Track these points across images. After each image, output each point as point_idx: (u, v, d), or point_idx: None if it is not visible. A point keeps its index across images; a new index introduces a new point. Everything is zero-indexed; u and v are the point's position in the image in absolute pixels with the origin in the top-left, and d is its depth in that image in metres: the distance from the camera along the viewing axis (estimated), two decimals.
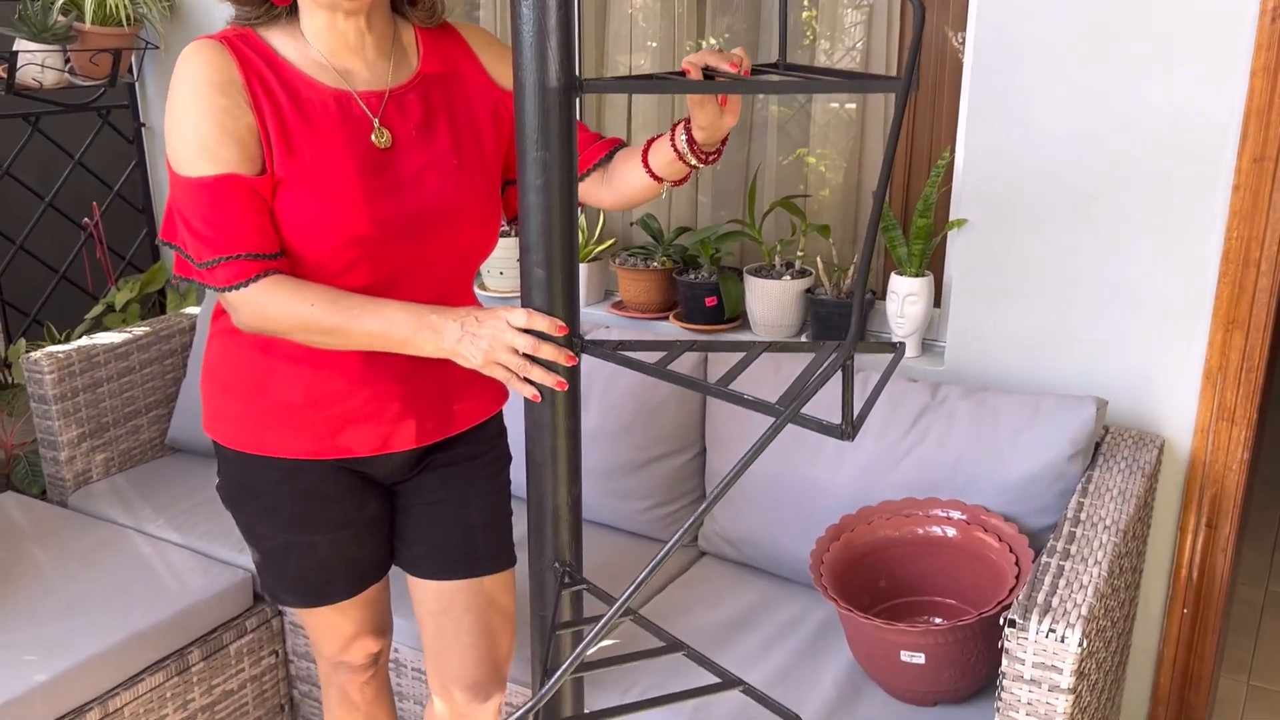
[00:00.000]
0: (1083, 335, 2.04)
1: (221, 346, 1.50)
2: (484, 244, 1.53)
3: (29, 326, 3.07)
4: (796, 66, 1.38)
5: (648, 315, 2.58)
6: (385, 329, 1.32)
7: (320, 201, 1.36)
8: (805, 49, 2.70)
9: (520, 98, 1.15)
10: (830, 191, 2.64)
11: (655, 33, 2.78)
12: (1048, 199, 2.01)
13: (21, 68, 2.78)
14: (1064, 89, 1.95)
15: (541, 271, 1.21)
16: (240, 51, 1.37)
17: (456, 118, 1.47)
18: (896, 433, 1.95)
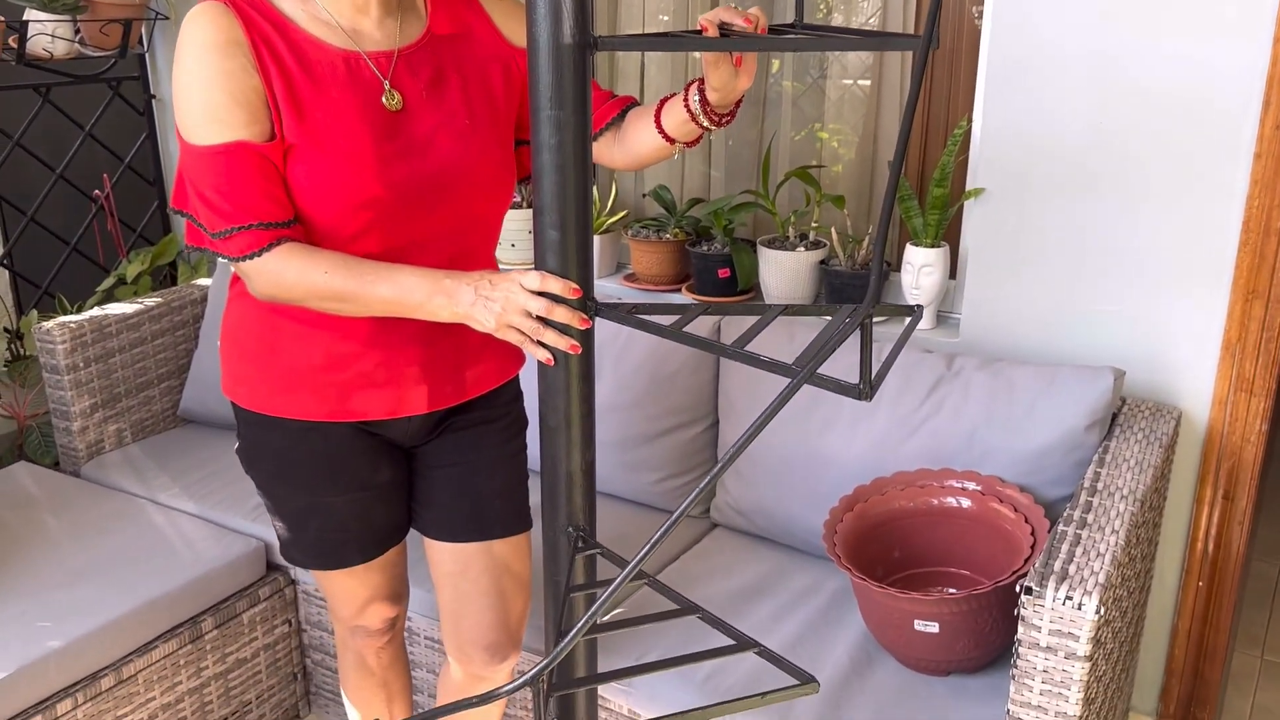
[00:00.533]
0: (1100, 305, 2.02)
1: (239, 310, 1.49)
2: (498, 205, 1.51)
3: (40, 298, 3.07)
4: (814, 26, 1.36)
5: (660, 287, 2.56)
6: (399, 295, 1.31)
7: (332, 166, 1.35)
8: (821, 17, 2.67)
9: (534, 55, 1.14)
10: (844, 167, 2.62)
11: (668, 6, 2.76)
12: (1066, 168, 1.99)
13: (32, 37, 2.76)
14: (1083, 57, 1.93)
15: (555, 233, 1.20)
16: (245, 13, 1.35)
17: (468, 77, 1.46)
18: (911, 403, 1.94)
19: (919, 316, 1.23)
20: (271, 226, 1.33)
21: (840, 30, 1.36)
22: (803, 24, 1.38)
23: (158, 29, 3.10)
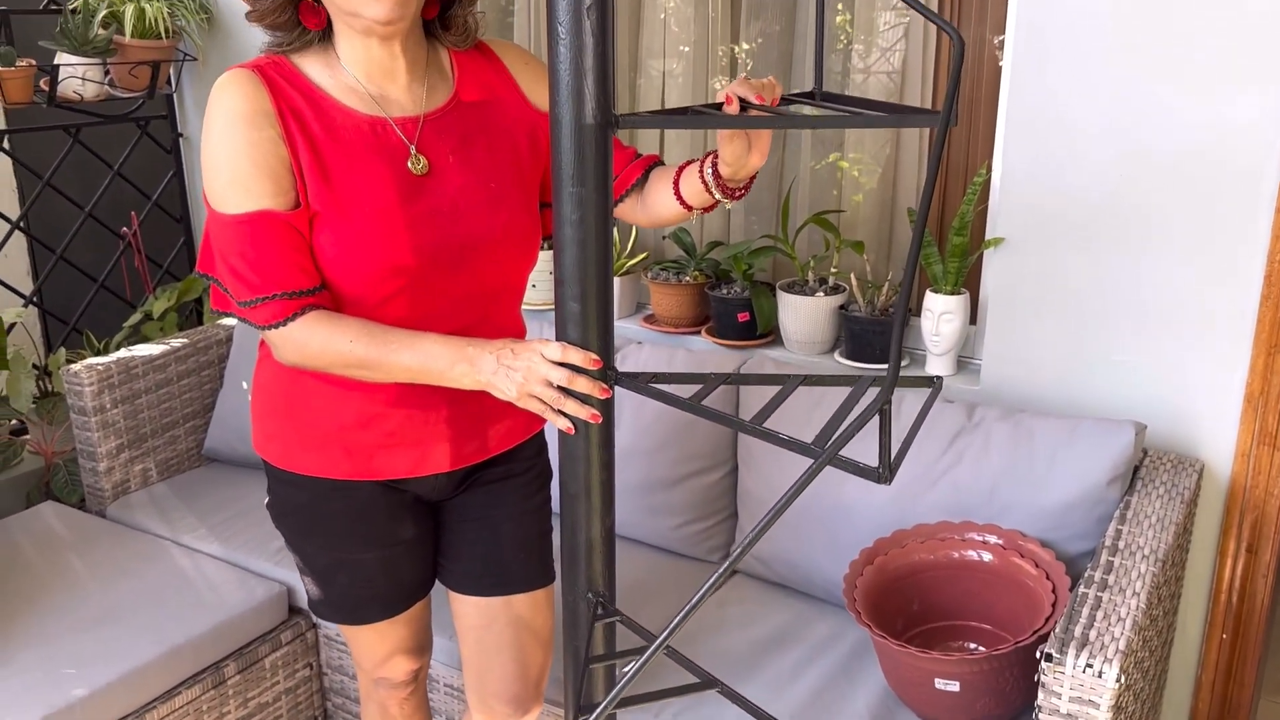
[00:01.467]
0: (1122, 357, 2.01)
1: (269, 370, 1.52)
2: (523, 267, 1.53)
3: (68, 335, 3.11)
4: (833, 96, 1.37)
5: (680, 329, 2.57)
6: (422, 363, 1.33)
7: (358, 232, 1.37)
8: (840, 53, 2.68)
9: (556, 134, 1.15)
10: (864, 197, 2.63)
11: (688, 37, 2.78)
12: (1086, 218, 1.99)
13: (63, 80, 2.81)
14: (1104, 107, 1.93)
15: (576, 305, 1.21)
16: (273, 81, 1.37)
17: (494, 142, 1.47)
18: (932, 454, 1.94)
19: (938, 389, 1.24)
20: (297, 295, 1.35)
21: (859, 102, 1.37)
22: (822, 93, 1.40)
23: (186, 69, 3.14)
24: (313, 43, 1.42)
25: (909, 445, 1.07)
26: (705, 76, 2.77)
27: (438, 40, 1.48)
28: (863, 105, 1.37)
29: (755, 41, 2.77)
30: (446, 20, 1.46)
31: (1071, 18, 1.91)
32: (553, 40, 1.12)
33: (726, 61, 2.77)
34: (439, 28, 1.47)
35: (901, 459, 1.04)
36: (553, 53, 1.12)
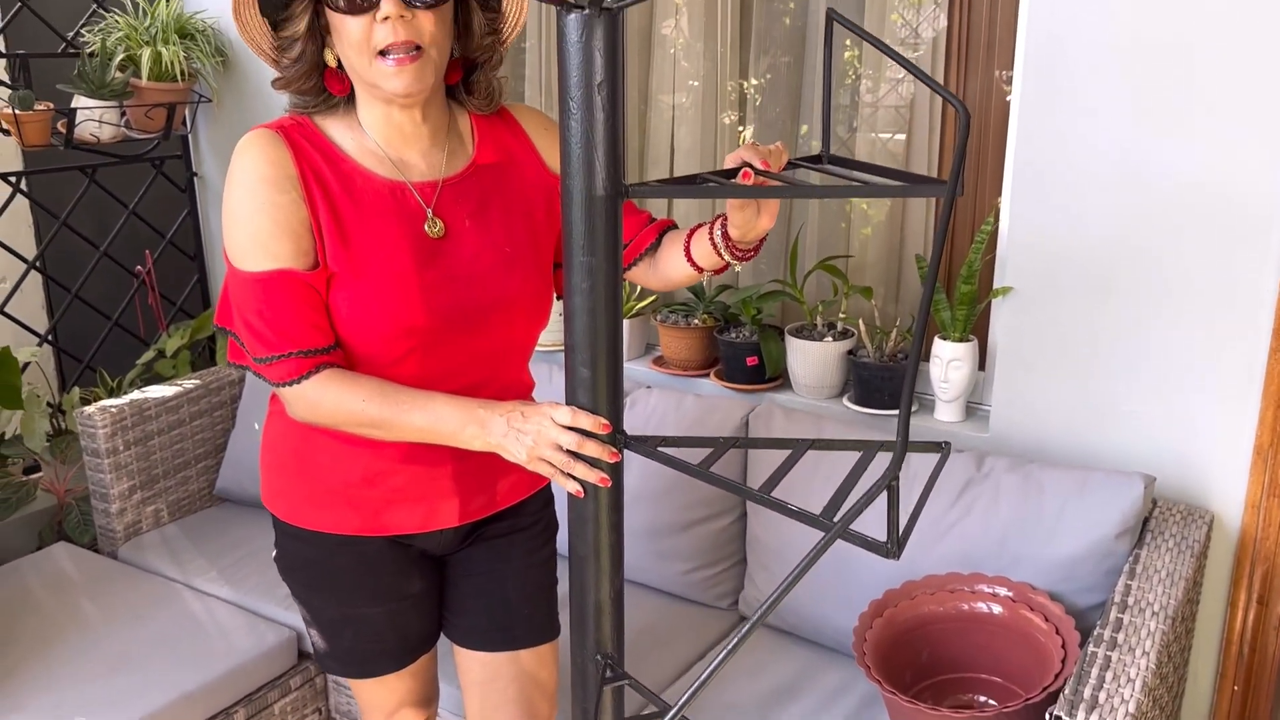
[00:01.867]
0: (1130, 406, 2.02)
1: (278, 425, 1.53)
2: (534, 329, 1.54)
3: (82, 372, 3.14)
4: (840, 160, 1.39)
5: (688, 372, 2.58)
6: (433, 424, 1.34)
7: (374, 294, 1.38)
8: (847, 87, 2.70)
9: (567, 204, 1.17)
10: (872, 231, 2.63)
11: (697, 71, 2.80)
12: (1095, 268, 2.00)
13: (80, 123, 2.85)
14: (1112, 157, 1.94)
15: (586, 371, 1.23)
16: (296, 143, 1.39)
17: (510, 206, 1.48)
18: (942, 505, 1.94)
19: (947, 454, 1.24)
20: (312, 354, 1.37)
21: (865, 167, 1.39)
22: (829, 157, 1.41)
23: (201, 110, 3.18)
24: (337, 107, 1.44)
25: (917, 518, 1.07)
26: (714, 111, 2.79)
27: (460, 104, 1.50)
28: (870, 170, 1.39)
29: (764, 77, 2.80)
30: (470, 85, 1.48)
31: (1080, 67, 1.93)
32: (564, 114, 1.14)
33: (735, 96, 2.79)
34: (462, 92, 1.49)
35: (910, 533, 1.05)
36: (564, 126, 1.14)
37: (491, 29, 1.44)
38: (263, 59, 1.43)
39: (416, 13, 1.32)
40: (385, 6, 1.30)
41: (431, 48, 1.34)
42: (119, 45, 2.86)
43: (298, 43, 1.37)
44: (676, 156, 2.84)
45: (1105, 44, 1.89)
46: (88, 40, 2.86)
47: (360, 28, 1.32)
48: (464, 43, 1.43)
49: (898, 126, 2.59)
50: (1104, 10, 1.88)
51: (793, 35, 2.72)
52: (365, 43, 1.32)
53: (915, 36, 2.57)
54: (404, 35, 1.31)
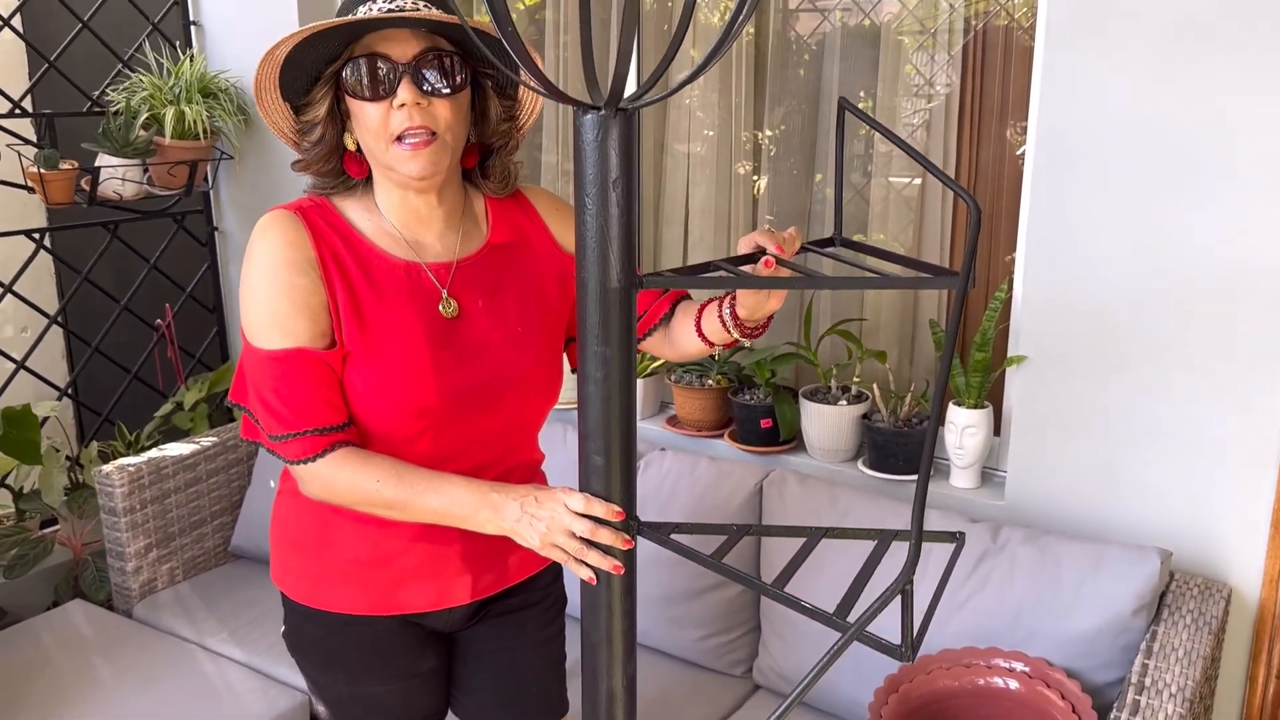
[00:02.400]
0: (1146, 478, 2.01)
1: (290, 505, 1.54)
2: (545, 407, 1.55)
3: (100, 425, 3.16)
4: (852, 243, 1.40)
5: (702, 433, 2.58)
6: (448, 506, 1.35)
7: (389, 373, 1.40)
8: (862, 139, 2.71)
9: (582, 295, 1.18)
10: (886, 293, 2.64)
11: (713, 121, 2.82)
12: (1110, 338, 2.00)
13: (104, 181, 2.89)
14: (1125, 228, 1.94)
15: (600, 459, 1.23)
16: (315, 224, 1.41)
17: (523, 286, 1.50)
18: (958, 578, 1.93)
19: (961, 545, 1.24)
20: (326, 432, 1.38)
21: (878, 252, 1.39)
22: (842, 240, 1.42)
23: (222, 167, 3.22)
24: (355, 189, 1.46)
25: (931, 615, 1.07)
26: (729, 161, 2.81)
27: (476, 187, 1.52)
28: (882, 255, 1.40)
29: (778, 128, 2.82)
30: (486, 170, 1.50)
31: (1093, 138, 1.94)
32: (580, 209, 1.15)
33: (750, 146, 2.82)
34: (478, 176, 1.51)
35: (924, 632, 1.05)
36: (580, 221, 1.16)
37: (508, 116, 1.46)
38: (284, 141, 1.46)
39: (432, 100, 1.34)
40: (402, 94, 1.32)
41: (447, 133, 1.36)
42: (143, 104, 2.90)
43: (318, 127, 1.40)
44: (691, 206, 2.86)
45: (1118, 114, 1.90)
46: (113, 99, 2.91)
47: (378, 114, 1.34)
48: (480, 129, 1.46)
49: (913, 171, 2.60)
50: (1117, 81, 1.89)
51: (807, 86, 2.74)
52: (383, 128, 1.34)
53: (929, 87, 2.59)
54: (419, 121, 1.33)
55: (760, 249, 1.31)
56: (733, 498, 2.20)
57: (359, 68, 1.34)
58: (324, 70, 1.38)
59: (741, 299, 1.35)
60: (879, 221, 2.64)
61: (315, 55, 1.37)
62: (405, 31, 1.34)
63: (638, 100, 1.12)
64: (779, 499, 2.15)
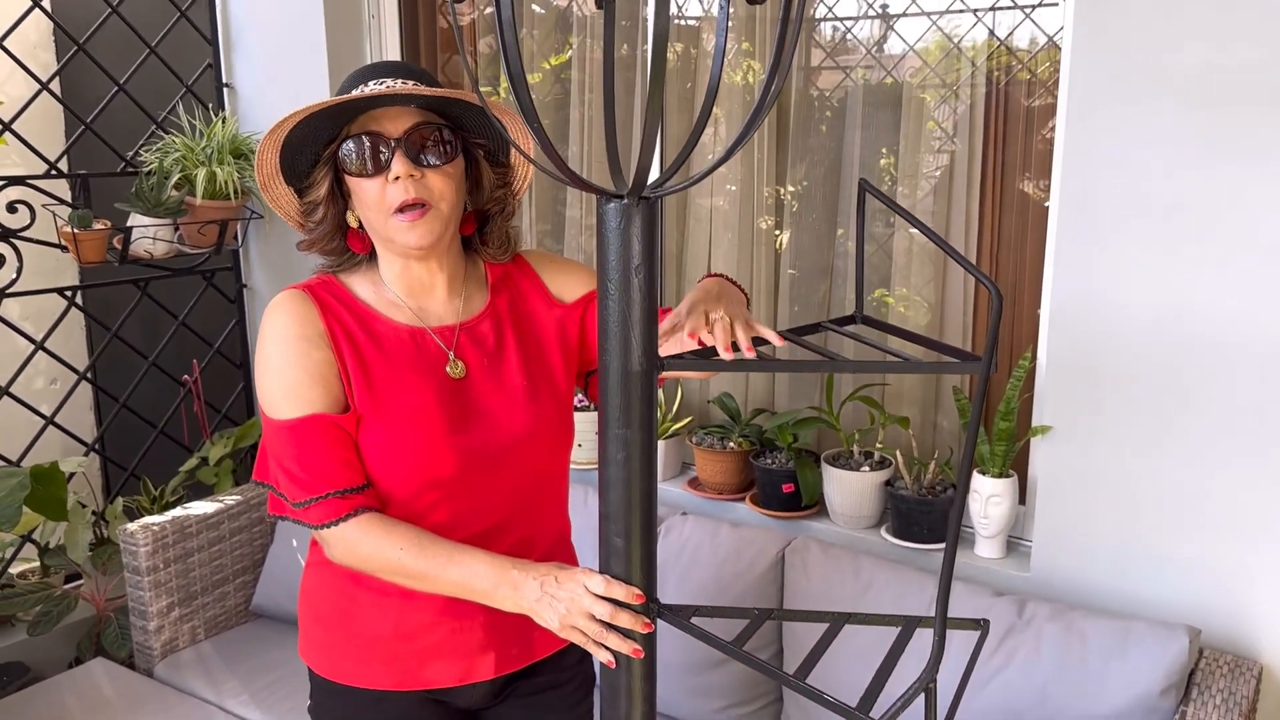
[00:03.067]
0: (1174, 550, 1.98)
1: (316, 578, 1.55)
2: (559, 460, 1.57)
3: (126, 480, 3.18)
4: (873, 321, 1.40)
5: (723, 496, 2.57)
6: (468, 580, 1.35)
7: (401, 435, 1.42)
8: (885, 191, 2.71)
9: (604, 379, 1.19)
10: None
11: (735, 176, 2.84)
12: (1135, 408, 1.98)
13: (135, 240, 2.94)
14: (1149, 296, 1.94)
15: (620, 541, 1.23)
16: (323, 300, 1.46)
17: (525, 344, 1.53)
18: (983, 654, 1.90)
19: (985, 632, 1.23)
20: (348, 494, 1.40)
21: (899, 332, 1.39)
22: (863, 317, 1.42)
23: (252, 226, 3.27)
24: (360, 264, 1.51)
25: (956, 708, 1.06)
26: (751, 216, 2.83)
27: (476, 253, 1.55)
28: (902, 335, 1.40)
29: (800, 184, 2.84)
30: (485, 235, 1.54)
31: (1116, 205, 1.94)
32: (602, 295, 1.16)
33: (772, 201, 2.83)
34: (478, 242, 1.54)
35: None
36: (602, 306, 1.17)
37: (502, 182, 1.51)
38: (290, 223, 1.51)
39: (426, 172, 1.39)
40: (396, 167, 1.38)
41: (441, 203, 1.41)
42: (176, 165, 2.95)
43: (320, 206, 1.46)
44: (714, 261, 2.87)
45: (1141, 182, 1.91)
46: (146, 160, 2.97)
47: (375, 188, 1.40)
48: (475, 196, 1.50)
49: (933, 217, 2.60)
50: (1140, 149, 1.90)
51: (829, 142, 2.76)
52: (380, 202, 1.40)
53: (951, 144, 2.60)
54: (414, 194, 1.38)
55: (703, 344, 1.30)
56: (754, 566, 2.18)
57: (354, 145, 1.39)
58: (322, 152, 1.44)
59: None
60: (901, 275, 2.65)
61: (313, 138, 1.43)
62: (397, 109, 1.40)
63: (660, 188, 1.14)
64: (801, 568, 2.14)
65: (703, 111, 1.10)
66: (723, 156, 1.14)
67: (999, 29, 2.46)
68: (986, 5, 2.47)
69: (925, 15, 2.57)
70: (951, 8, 2.53)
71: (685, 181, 1.17)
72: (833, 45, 2.79)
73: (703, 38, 2.88)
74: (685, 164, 2.74)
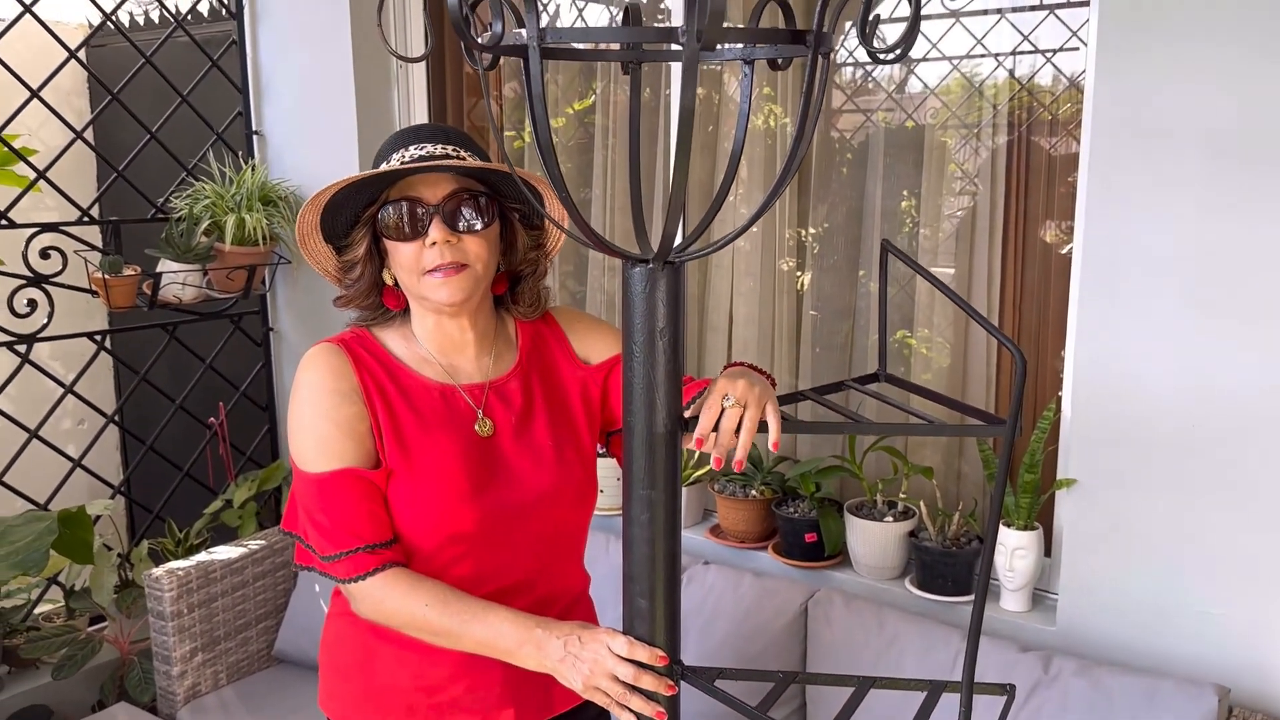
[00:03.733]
0: (1202, 605, 1.96)
1: (337, 629, 1.56)
2: (582, 519, 1.58)
3: (151, 523, 3.20)
4: (897, 380, 1.40)
5: (745, 544, 2.56)
6: (492, 638, 1.36)
7: (429, 491, 1.43)
8: (906, 234, 2.72)
9: (629, 440, 1.19)
10: (930, 375, 2.62)
11: (758, 221, 2.84)
12: (1161, 462, 1.97)
13: (164, 286, 2.97)
14: (1174, 350, 1.93)
15: (644, 602, 1.23)
16: (356, 354, 1.48)
17: (552, 403, 1.55)
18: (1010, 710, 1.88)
19: (1011, 697, 1.22)
20: (375, 549, 1.41)
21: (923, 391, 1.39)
22: (886, 375, 1.43)
23: (280, 270, 3.30)
24: (394, 319, 1.53)
25: None
26: (773, 258, 2.84)
27: (507, 311, 1.57)
28: (927, 395, 1.40)
29: (821, 226, 2.85)
30: (516, 295, 1.56)
31: (1141, 261, 1.93)
32: (628, 358, 1.17)
33: (793, 243, 2.84)
34: (509, 301, 1.56)
35: None
36: (627, 368, 1.18)
37: (535, 244, 1.54)
38: (328, 279, 1.53)
39: (462, 237, 1.42)
40: (433, 233, 1.41)
41: (476, 263, 1.44)
42: (205, 211, 3.00)
43: (358, 265, 1.49)
44: (735, 302, 2.88)
45: (1165, 236, 1.90)
46: (176, 206, 3.01)
47: (412, 251, 1.42)
48: (509, 258, 1.53)
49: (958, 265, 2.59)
50: (1163, 202, 1.90)
51: (850, 184, 2.77)
52: (416, 264, 1.43)
53: (973, 186, 2.61)
54: (449, 258, 1.41)
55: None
56: (777, 619, 2.17)
57: (393, 210, 1.42)
58: (362, 213, 1.46)
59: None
60: (924, 316, 2.64)
61: (353, 200, 1.45)
62: (436, 174, 1.42)
63: (684, 253, 1.15)
64: (824, 621, 2.12)
65: (725, 177, 1.11)
66: (743, 227, 1.15)
67: (1020, 70, 2.48)
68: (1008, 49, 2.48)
69: (946, 60, 2.59)
70: (973, 52, 2.55)
71: (709, 247, 1.19)
72: (853, 87, 2.81)
73: (724, 79, 2.90)
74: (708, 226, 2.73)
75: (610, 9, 3.08)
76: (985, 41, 2.51)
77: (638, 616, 1.24)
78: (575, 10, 3.07)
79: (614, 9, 3.07)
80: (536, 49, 0.92)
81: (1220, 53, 1.81)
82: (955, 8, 2.51)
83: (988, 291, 2.55)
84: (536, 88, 0.95)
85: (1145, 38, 1.87)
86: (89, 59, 3.33)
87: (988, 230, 2.54)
